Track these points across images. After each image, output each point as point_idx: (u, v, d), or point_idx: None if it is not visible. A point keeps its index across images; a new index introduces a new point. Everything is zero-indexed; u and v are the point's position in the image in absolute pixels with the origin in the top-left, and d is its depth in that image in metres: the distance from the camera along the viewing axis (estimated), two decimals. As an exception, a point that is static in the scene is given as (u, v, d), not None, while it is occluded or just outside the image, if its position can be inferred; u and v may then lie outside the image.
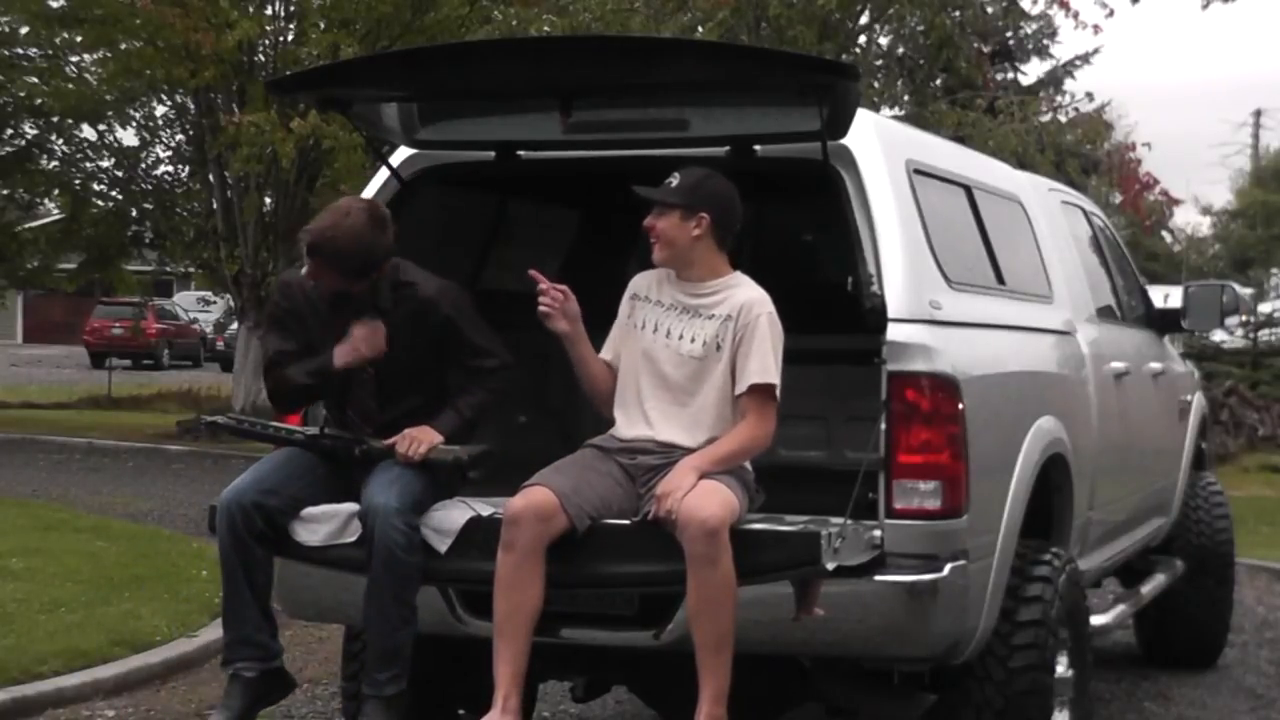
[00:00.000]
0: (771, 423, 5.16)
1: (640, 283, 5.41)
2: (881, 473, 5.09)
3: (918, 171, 5.64)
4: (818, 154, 5.31)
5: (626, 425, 5.30)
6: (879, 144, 5.46)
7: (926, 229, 5.45)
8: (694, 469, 5.00)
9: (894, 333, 5.12)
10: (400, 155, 6.05)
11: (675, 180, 5.24)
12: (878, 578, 5.01)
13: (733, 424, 5.17)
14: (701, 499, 4.88)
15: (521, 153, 6.01)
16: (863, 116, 5.45)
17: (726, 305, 5.21)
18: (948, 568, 5.07)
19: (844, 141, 5.37)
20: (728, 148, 5.66)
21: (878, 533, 5.04)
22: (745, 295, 5.22)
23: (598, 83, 5.57)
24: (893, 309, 5.13)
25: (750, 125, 5.62)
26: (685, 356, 5.20)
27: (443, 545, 5.18)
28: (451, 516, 5.23)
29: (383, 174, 6.01)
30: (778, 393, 5.15)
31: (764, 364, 5.12)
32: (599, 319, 5.47)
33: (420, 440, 5.29)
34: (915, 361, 5.10)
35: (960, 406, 5.13)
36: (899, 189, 5.40)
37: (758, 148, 5.64)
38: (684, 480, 4.95)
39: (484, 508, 5.23)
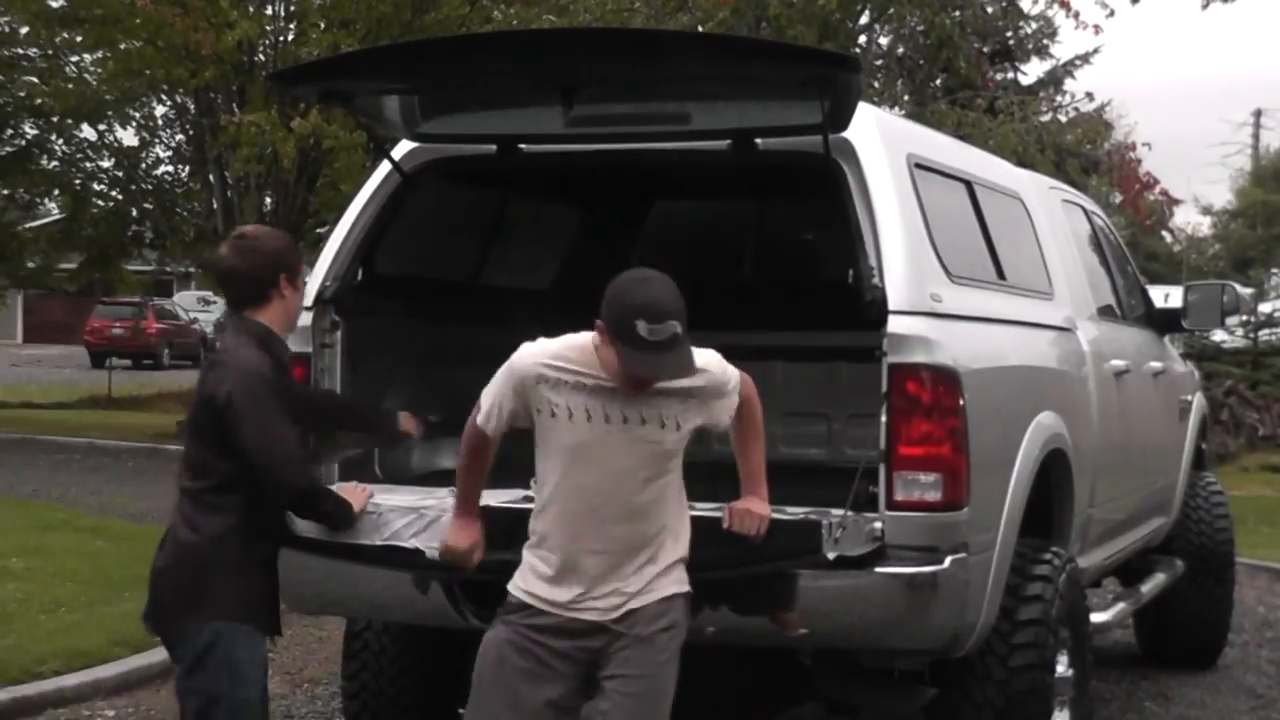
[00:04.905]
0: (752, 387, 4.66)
1: (544, 361, 4.41)
2: (882, 465, 5.07)
3: (919, 166, 5.63)
4: (819, 147, 5.29)
5: (558, 582, 4.39)
6: (880, 137, 5.45)
7: (927, 223, 5.43)
8: (763, 502, 4.66)
9: (895, 325, 5.09)
10: (402, 149, 6.04)
11: (684, 357, 4.28)
12: (878, 569, 4.99)
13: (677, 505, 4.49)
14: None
15: (523, 146, 6.00)
16: (864, 110, 5.43)
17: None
18: (948, 560, 5.06)
19: (845, 135, 5.35)
20: (729, 141, 5.64)
21: (878, 524, 5.02)
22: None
23: (600, 76, 5.55)
24: (893, 301, 5.11)
25: (752, 118, 5.60)
26: (661, 451, 4.37)
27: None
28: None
29: (384, 168, 6.01)
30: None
31: (710, 358, 4.48)
32: (598, 315, 5.44)
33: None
34: (916, 354, 5.08)
35: (961, 399, 5.12)
36: (900, 182, 5.39)
37: (759, 141, 5.63)
38: (761, 511, 4.64)
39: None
